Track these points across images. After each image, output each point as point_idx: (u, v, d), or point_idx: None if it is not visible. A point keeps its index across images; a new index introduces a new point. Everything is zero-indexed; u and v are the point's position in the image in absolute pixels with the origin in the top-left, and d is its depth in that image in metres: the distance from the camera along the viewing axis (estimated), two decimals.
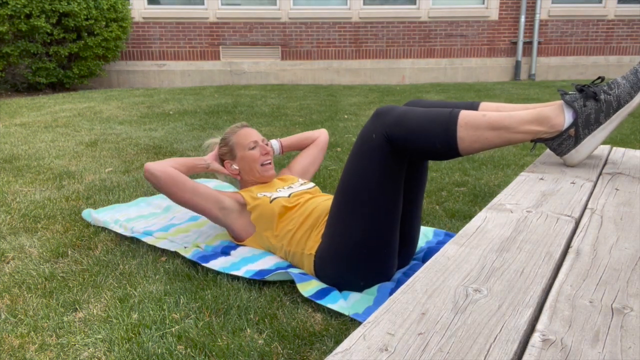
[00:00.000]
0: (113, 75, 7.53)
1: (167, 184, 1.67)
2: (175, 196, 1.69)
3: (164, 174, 1.67)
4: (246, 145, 1.84)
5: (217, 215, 1.73)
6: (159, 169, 1.68)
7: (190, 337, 1.28)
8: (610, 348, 0.54)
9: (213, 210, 1.72)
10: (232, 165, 1.86)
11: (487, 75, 8.06)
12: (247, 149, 1.84)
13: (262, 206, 1.71)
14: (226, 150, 1.88)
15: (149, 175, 1.68)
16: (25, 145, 3.44)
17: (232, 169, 1.87)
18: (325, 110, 4.99)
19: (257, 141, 1.86)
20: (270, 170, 1.86)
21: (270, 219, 1.69)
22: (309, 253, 1.56)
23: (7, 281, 1.59)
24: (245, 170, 1.85)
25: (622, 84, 1.21)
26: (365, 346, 0.54)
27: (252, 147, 1.84)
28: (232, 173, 1.87)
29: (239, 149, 1.85)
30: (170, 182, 1.67)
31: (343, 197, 1.43)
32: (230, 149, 1.87)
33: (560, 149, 1.25)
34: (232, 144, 1.86)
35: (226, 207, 1.73)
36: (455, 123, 1.21)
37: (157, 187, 1.69)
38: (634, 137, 3.69)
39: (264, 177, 1.85)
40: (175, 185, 1.68)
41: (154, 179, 1.68)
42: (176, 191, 1.68)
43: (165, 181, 1.67)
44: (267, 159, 1.85)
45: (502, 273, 0.71)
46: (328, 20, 7.65)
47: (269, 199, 1.71)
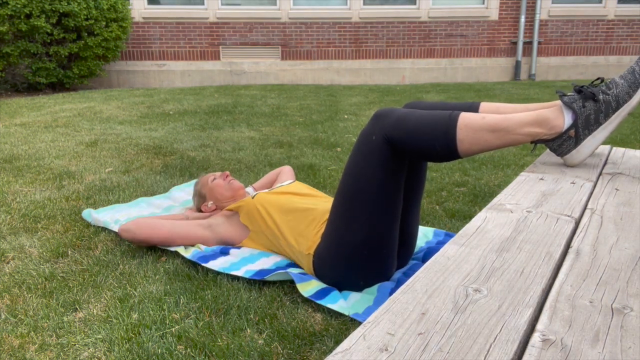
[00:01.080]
0: (113, 75, 7.53)
1: (144, 231, 1.75)
2: (158, 238, 1.76)
3: (135, 225, 1.76)
4: (208, 182, 2.00)
5: (208, 236, 1.80)
6: (131, 223, 1.77)
7: (190, 337, 1.28)
8: (610, 348, 0.54)
9: (202, 233, 1.80)
10: (207, 204, 1.99)
11: (487, 75, 8.06)
12: (210, 182, 2.00)
13: (246, 205, 1.76)
14: (198, 199, 2.04)
15: (124, 233, 1.76)
16: (25, 145, 3.44)
17: (209, 206, 1.99)
18: (325, 110, 4.99)
19: (215, 174, 2.04)
20: (236, 182, 2.01)
21: (256, 212, 1.73)
22: (308, 253, 1.56)
23: (7, 281, 1.59)
24: (217, 199, 1.98)
25: (620, 83, 1.21)
26: (365, 346, 0.54)
27: (213, 179, 2.00)
28: (211, 210, 1.99)
29: (205, 189, 2.00)
30: (146, 228, 1.75)
31: (343, 198, 1.43)
32: (199, 195, 2.02)
33: (560, 149, 1.25)
34: (198, 190, 2.03)
35: (212, 223, 1.82)
36: (454, 125, 1.21)
37: (135, 240, 1.76)
38: (634, 137, 3.69)
39: (234, 189, 1.98)
40: (152, 229, 1.76)
41: (129, 235, 1.75)
42: (156, 233, 1.76)
43: (140, 229, 1.75)
44: (229, 179, 2.01)
45: (502, 273, 0.71)
46: (328, 20, 7.65)
47: (251, 197, 1.78)
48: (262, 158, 3.12)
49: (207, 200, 2.00)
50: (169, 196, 2.35)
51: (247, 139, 3.69)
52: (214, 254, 1.72)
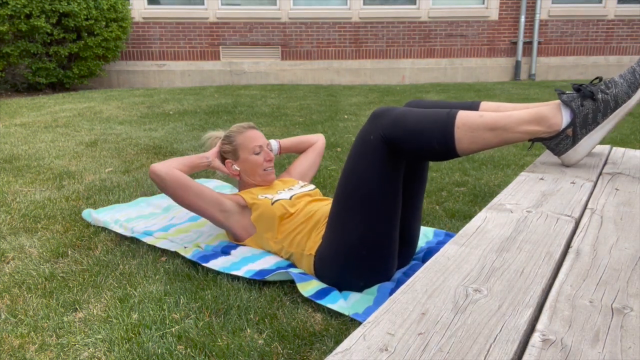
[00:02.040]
0: (113, 75, 7.53)
1: (173, 186, 1.68)
2: (179, 198, 1.69)
3: (169, 177, 1.67)
4: (251, 149, 1.83)
5: (219, 218, 1.73)
6: (165, 170, 1.67)
7: (190, 337, 1.28)
8: (610, 348, 0.54)
9: (214, 213, 1.72)
10: (233, 165, 1.86)
11: (487, 75, 8.06)
12: (252, 152, 1.83)
13: (263, 207, 1.71)
14: (230, 148, 1.86)
15: (155, 176, 1.68)
16: (25, 145, 3.44)
17: (233, 169, 1.86)
18: (325, 110, 4.99)
19: (262, 146, 1.85)
20: (271, 175, 1.86)
21: (271, 221, 1.69)
22: (309, 253, 1.56)
23: (7, 281, 1.59)
24: (246, 172, 1.85)
25: (619, 83, 1.21)
26: (365, 346, 0.54)
27: (257, 152, 1.83)
28: (233, 173, 1.87)
29: (244, 151, 1.83)
30: (176, 185, 1.67)
31: (342, 198, 1.43)
32: (234, 149, 1.85)
33: (558, 148, 1.25)
34: (237, 144, 1.84)
35: (227, 210, 1.73)
36: (452, 124, 1.21)
37: (162, 188, 1.69)
38: (634, 137, 3.69)
39: (265, 182, 1.86)
40: (180, 188, 1.68)
41: (159, 181, 1.68)
42: (181, 193, 1.68)
43: (171, 183, 1.67)
44: (270, 165, 1.86)
45: (502, 273, 0.71)
46: (328, 20, 7.65)
47: (271, 201, 1.71)
48: None
49: (237, 161, 1.85)
50: None
51: None
52: (215, 253, 1.72)
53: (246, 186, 1.89)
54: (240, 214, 1.75)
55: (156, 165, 1.70)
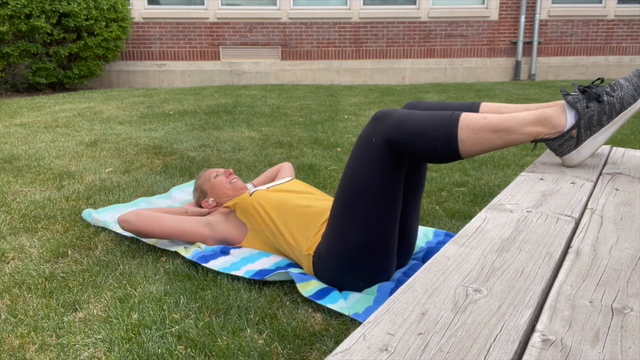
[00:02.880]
0: (113, 76, 7.53)
1: (143, 223, 1.74)
2: (157, 232, 1.75)
3: (134, 215, 1.74)
4: (210, 178, 2.00)
5: (207, 233, 1.79)
6: (130, 214, 1.76)
7: (190, 337, 1.28)
8: (610, 348, 0.54)
9: (202, 230, 1.79)
10: (207, 200, 1.99)
11: (487, 75, 8.06)
12: (212, 179, 1.99)
13: (242, 201, 1.76)
14: (198, 194, 2.03)
15: (123, 223, 1.75)
16: (25, 145, 3.44)
17: (209, 203, 1.98)
18: (325, 110, 4.99)
19: (217, 171, 2.02)
20: (239, 182, 2.01)
21: (253, 209, 1.73)
22: (308, 253, 1.56)
23: (7, 281, 1.59)
24: (219, 196, 1.97)
25: (625, 86, 1.21)
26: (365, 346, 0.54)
27: (216, 176, 2.00)
28: (211, 207, 1.98)
29: (206, 184, 2.00)
30: (145, 220, 1.74)
31: (343, 199, 1.43)
32: (201, 191, 2.02)
33: (561, 149, 1.24)
34: (199, 185, 2.03)
35: (210, 222, 1.81)
36: (456, 126, 1.21)
37: (135, 231, 1.75)
38: (634, 137, 3.69)
39: (237, 191, 1.97)
40: (152, 221, 1.75)
41: (128, 225, 1.74)
42: (155, 226, 1.75)
43: (139, 221, 1.74)
44: (233, 177, 2.01)
45: (502, 273, 0.71)
46: (328, 20, 7.65)
47: (248, 194, 1.77)
48: (262, 158, 3.13)
49: (208, 196, 1.99)
50: (169, 196, 2.35)
51: (247, 139, 3.69)
52: (214, 253, 1.72)
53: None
54: (226, 219, 1.82)
55: (121, 215, 1.79)
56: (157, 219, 1.76)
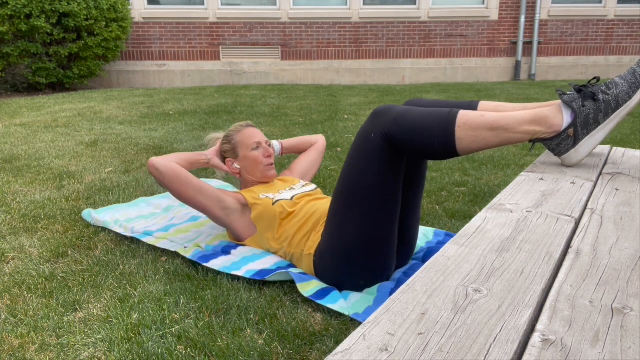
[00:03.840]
0: (113, 76, 7.53)
1: (172, 181, 1.67)
2: (178, 193, 1.68)
3: (168, 170, 1.66)
4: (249, 146, 1.84)
5: (219, 215, 1.72)
6: (164, 164, 1.67)
7: (190, 337, 1.28)
8: (610, 348, 0.54)
9: (215, 210, 1.71)
10: (233, 164, 1.86)
11: (487, 75, 8.06)
12: (250, 149, 1.83)
13: (263, 206, 1.70)
14: (229, 147, 1.87)
15: (154, 170, 1.67)
16: (25, 145, 3.44)
17: (234, 167, 1.86)
18: (325, 110, 4.99)
19: (260, 142, 1.86)
20: (272, 171, 1.86)
21: (272, 221, 1.69)
22: (308, 253, 1.56)
23: (7, 281, 1.59)
24: (247, 170, 1.85)
25: (620, 84, 1.21)
26: (365, 346, 0.54)
27: (255, 148, 1.84)
28: (233, 172, 1.87)
29: (242, 148, 1.84)
30: (175, 179, 1.67)
31: (342, 197, 1.43)
32: (233, 148, 1.86)
33: (558, 149, 1.25)
34: (235, 142, 1.86)
35: (228, 207, 1.72)
36: (453, 123, 1.21)
37: (161, 182, 1.69)
38: (634, 137, 3.69)
39: (266, 178, 1.85)
40: (179, 182, 1.67)
41: (158, 175, 1.67)
42: (180, 188, 1.67)
43: (170, 177, 1.66)
44: (270, 161, 1.86)
45: (502, 273, 0.71)
46: (328, 20, 7.65)
47: (272, 201, 1.70)
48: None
49: (237, 159, 1.86)
50: (169, 196, 2.35)
51: None
52: (215, 253, 1.72)
53: (247, 185, 1.89)
54: (241, 212, 1.75)
55: (155, 158, 1.69)
56: (185, 181, 1.66)
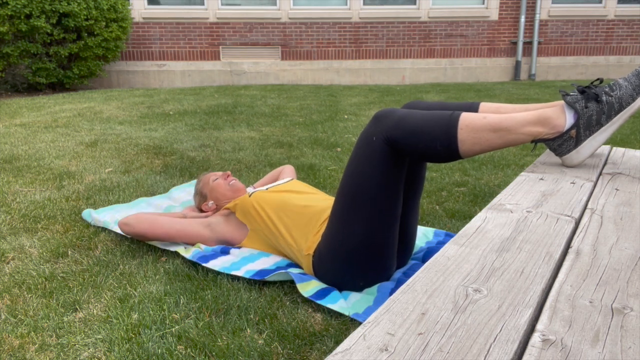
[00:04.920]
0: (113, 76, 7.53)
1: (143, 227, 1.76)
2: (157, 235, 1.77)
3: (134, 219, 1.78)
4: (209, 181, 2.02)
5: (207, 234, 1.81)
6: (131, 217, 1.79)
7: (190, 337, 1.28)
8: (610, 348, 0.54)
9: (202, 231, 1.81)
10: (207, 204, 2.01)
11: (487, 75, 8.06)
12: (211, 182, 2.01)
13: (241, 202, 1.77)
14: (199, 198, 2.05)
15: (124, 226, 1.79)
16: (25, 145, 3.44)
17: (209, 206, 2.00)
18: (325, 110, 4.99)
19: (216, 173, 2.05)
20: (238, 183, 2.02)
21: (252, 210, 1.73)
22: (308, 253, 1.56)
23: (7, 281, 1.59)
24: (218, 199, 1.99)
25: (624, 85, 1.21)
26: (365, 346, 0.54)
27: (215, 179, 2.01)
28: (212, 209, 2.00)
29: (205, 188, 2.02)
30: (146, 223, 1.77)
31: (343, 199, 1.43)
32: (201, 194, 2.03)
33: (560, 149, 1.25)
34: (199, 189, 2.04)
35: (210, 223, 1.83)
36: (455, 126, 1.21)
37: (135, 234, 1.78)
38: (634, 137, 3.69)
39: (235, 191, 1.99)
40: (152, 224, 1.77)
41: (129, 229, 1.78)
42: (156, 229, 1.77)
43: (139, 224, 1.76)
44: (232, 179, 2.02)
45: (502, 273, 0.71)
46: (328, 20, 7.65)
47: (248, 195, 1.78)
48: (262, 158, 3.13)
49: (207, 199, 2.01)
50: (169, 196, 2.35)
51: (247, 139, 3.69)
52: (214, 253, 1.72)
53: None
54: (227, 220, 1.83)
55: (121, 219, 1.81)
56: (157, 222, 1.78)
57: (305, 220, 1.62)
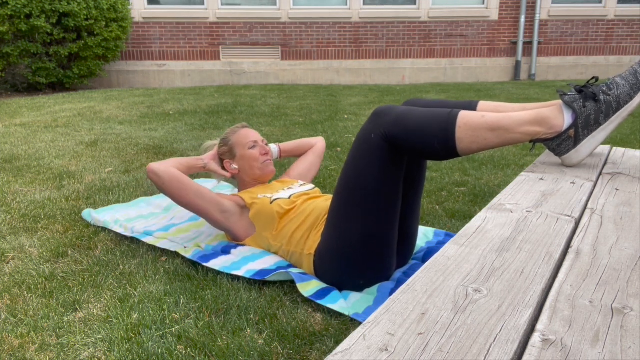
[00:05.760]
0: (113, 75, 7.53)
1: (172, 185, 1.68)
2: (177, 197, 1.70)
3: (168, 175, 1.68)
4: (246, 144, 1.85)
5: (218, 219, 1.73)
6: (163, 169, 1.68)
7: (190, 337, 1.28)
8: (610, 348, 0.54)
9: (214, 214, 1.72)
10: (231, 164, 1.87)
11: (487, 75, 8.06)
12: (247, 148, 1.85)
13: (261, 205, 1.71)
14: (226, 149, 1.89)
15: (153, 175, 1.68)
16: (25, 145, 3.44)
17: (232, 168, 1.87)
18: (325, 110, 4.99)
19: (256, 141, 1.87)
20: (271, 166, 1.87)
21: (270, 219, 1.70)
22: (308, 253, 1.56)
23: (7, 281, 1.59)
24: (244, 169, 1.86)
25: (621, 84, 1.21)
26: (365, 346, 0.54)
27: (252, 147, 1.86)
28: (232, 172, 1.88)
29: (239, 148, 1.86)
30: (175, 183, 1.68)
31: (342, 197, 1.43)
32: (230, 148, 1.88)
33: (559, 149, 1.25)
34: (232, 143, 1.87)
35: (227, 210, 1.74)
36: (454, 123, 1.21)
37: (160, 187, 1.70)
38: (634, 137, 3.69)
39: (264, 174, 1.86)
40: (179, 186, 1.68)
41: (157, 180, 1.68)
42: (180, 192, 1.69)
43: (170, 182, 1.68)
44: (267, 157, 1.87)
45: (502, 273, 0.71)
46: (328, 20, 7.65)
47: (269, 200, 1.71)
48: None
49: (234, 160, 1.87)
50: None
51: None
52: (215, 253, 1.72)
53: (246, 186, 1.89)
54: (240, 214, 1.76)
55: (154, 164, 1.70)
56: (185, 187, 1.68)
57: (310, 224, 1.62)
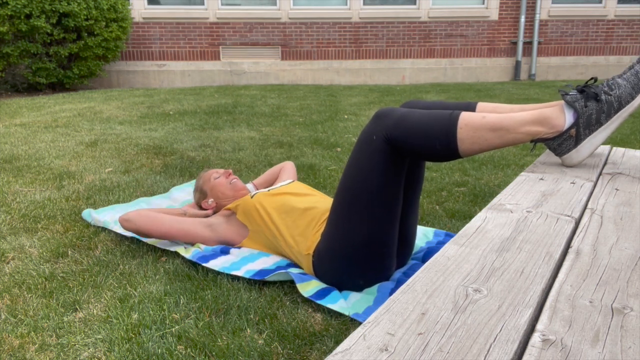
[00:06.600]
0: (113, 76, 7.53)
1: (142, 222, 1.75)
2: (156, 231, 1.76)
3: (136, 215, 1.77)
4: (210, 179, 2.01)
5: (206, 234, 1.80)
6: (132, 213, 1.78)
7: (190, 337, 1.28)
8: (610, 348, 0.54)
9: (201, 231, 1.80)
10: (207, 201, 2.00)
11: (487, 75, 8.06)
12: (212, 180, 2.00)
13: (244, 203, 1.76)
14: (199, 194, 2.03)
15: (124, 222, 1.77)
16: (25, 145, 3.44)
17: (209, 203, 2.00)
18: (325, 110, 4.99)
19: (217, 171, 2.03)
20: (239, 182, 2.02)
21: (255, 212, 1.72)
22: (308, 253, 1.56)
23: (7, 281, 1.59)
24: (218, 197, 1.98)
25: (622, 84, 1.21)
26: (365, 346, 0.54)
27: (216, 177, 2.01)
28: (210, 207, 1.99)
29: (206, 185, 2.01)
30: (144, 219, 1.76)
31: (343, 198, 1.43)
32: (201, 191, 2.02)
33: (560, 149, 1.25)
34: (200, 186, 2.03)
35: (212, 223, 1.82)
36: (455, 125, 1.21)
37: (136, 230, 1.77)
38: (634, 137, 3.69)
39: (236, 190, 1.99)
40: (152, 221, 1.76)
41: (129, 224, 1.76)
42: (154, 225, 1.76)
43: (140, 219, 1.76)
44: (233, 177, 2.02)
45: (502, 273, 0.71)
46: (328, 20, 7.65)
47: (250, 196, 1.78)
48: (262, 158, 3.12)
49: (207, 197, 2.00)
50: (169, 196, 2.35)
51: (247, 139, 3.69)
52: (214, 253, 1.72)
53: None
54: (228, 221, 1.82)
55: (122, 214, 1.82)
56: (158, 219, 1.77)
57: (307, 222, 1.62)
